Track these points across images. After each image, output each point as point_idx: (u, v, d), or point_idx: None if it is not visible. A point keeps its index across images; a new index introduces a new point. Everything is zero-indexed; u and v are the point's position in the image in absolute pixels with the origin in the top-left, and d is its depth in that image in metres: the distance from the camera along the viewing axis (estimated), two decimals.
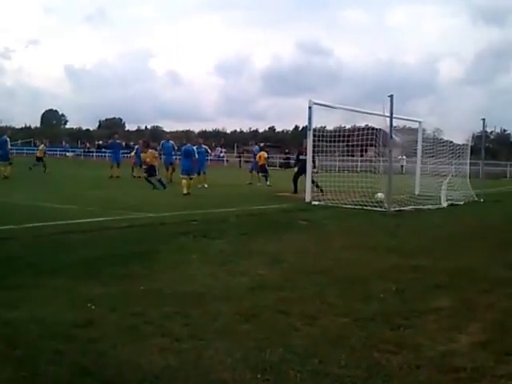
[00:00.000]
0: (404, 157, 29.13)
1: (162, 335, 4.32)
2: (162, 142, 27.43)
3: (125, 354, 3.90)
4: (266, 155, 26.99)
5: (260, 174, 26.08)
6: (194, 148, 19.87)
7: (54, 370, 3.56)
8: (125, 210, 12.54)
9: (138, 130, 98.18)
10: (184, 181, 18.46)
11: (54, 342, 4.03)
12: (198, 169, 21.24)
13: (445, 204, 16.98)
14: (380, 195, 16.29)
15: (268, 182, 24.93)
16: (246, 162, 48.71)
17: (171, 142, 27.35)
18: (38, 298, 5.16)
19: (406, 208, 15.44)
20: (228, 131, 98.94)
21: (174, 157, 26.09)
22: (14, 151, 43.82)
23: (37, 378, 3.46)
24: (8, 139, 24.52)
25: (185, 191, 17.99)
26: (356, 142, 18.55)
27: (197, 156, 19.36)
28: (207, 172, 23.41)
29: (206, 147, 26.57)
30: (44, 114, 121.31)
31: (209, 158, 33.09)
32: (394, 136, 15.51)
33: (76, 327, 4.39)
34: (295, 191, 19.29)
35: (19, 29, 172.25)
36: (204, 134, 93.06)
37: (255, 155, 27.73)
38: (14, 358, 3.74)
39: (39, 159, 31.35)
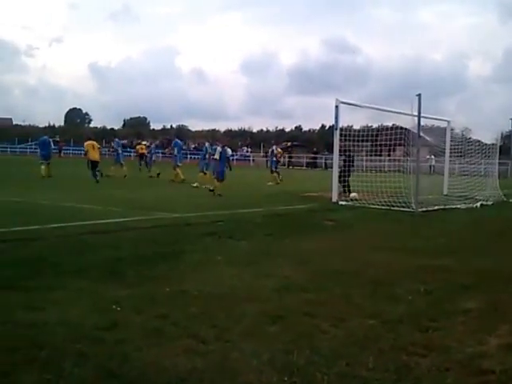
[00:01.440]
0: (432, 156, 28.78)
1: (188, 337, 4.29)
2: (174, 141, 27.46)
3: (150, 356, 3.88)
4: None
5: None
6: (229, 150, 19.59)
7: (79, 373, 3.56)
8: (150, 211, 12.58)
9: (164, 129, 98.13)
10: (217, 183, 18.34)
11: (79, 345, 4.02)
12: (202, 167, 22.12)
13: (477, 204, 16.74)
14: (353, 195, 16.76)
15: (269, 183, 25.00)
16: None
17: (179, 141, 27.43)
18: (63, 300, 5.17)
19: (433, 208, 15.25)
20: (254, 130, 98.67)
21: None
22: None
23: (62, 380, 3.45)
24: (51, 140, 24.97)
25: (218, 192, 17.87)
26: (383, 141, 18.37)
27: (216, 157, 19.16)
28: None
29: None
30: (68, 112, 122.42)
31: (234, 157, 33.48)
32: (422, 135, 15.31)
33: (101, 329, 4.39)
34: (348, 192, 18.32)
35: (43, 26, 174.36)
36: (230, 133, 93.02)
37: (274, 155, 27.86)
38: (40, 360, 3.74)
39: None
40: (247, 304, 5.23)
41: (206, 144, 23.39)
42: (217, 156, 18.59)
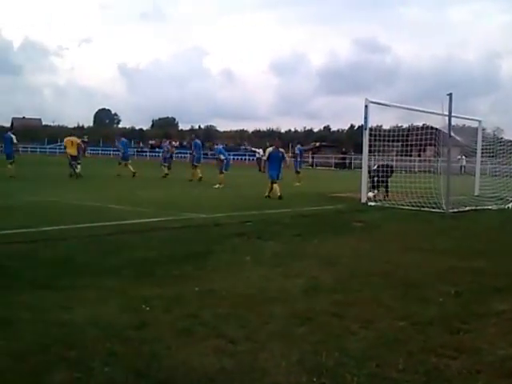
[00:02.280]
0: (463, 157, 28.40)
1: (217, 337, 4.30)
2: (194, 141, 27.57)
3: (179, 355, 3.90)
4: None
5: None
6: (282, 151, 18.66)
7: (109, 372, 3.58)
8: (178, 211, 12.64)
9: (192, 130, 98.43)
10: (276, 185, 17.49)
11: (109, 344, 4.05)
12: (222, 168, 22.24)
13: (509, 205, 16.46)
14: (370, 194, 16.54)
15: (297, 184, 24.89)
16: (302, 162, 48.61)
17: (198, 141, 27.51)
18: (93, 299, 5.22)
19: (464, 209, 15.04)
20: (282, 130, 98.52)
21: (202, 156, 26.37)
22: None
23: (92, 379, 3.48)
24: (13, 136, 25.28)
25: (278, 194, 17.08)
26: (414, 141, 18.17)
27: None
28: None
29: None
30: (97, 113, 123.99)
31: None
32: (452, 135, 15.11)
33: (130, 329, 4.42)
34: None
35: (72, 26, 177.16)
36: (258, 134, 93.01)
37: (298, 155, 27.86)
38: (69, 359, 3.78)
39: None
40: (276, 305, 5.22)
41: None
42: (266, 156, 18.26)
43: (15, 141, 24.57)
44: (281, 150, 18.59)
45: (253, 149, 22.20)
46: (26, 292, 5.33)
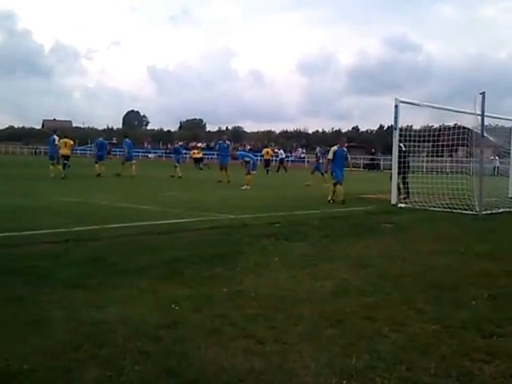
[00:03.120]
0: (496, 157, 27.94)
1: (246, 337, 4.30)
2: (219, 142, 27.68)
3: (209, 355, 3.91)
4: (271, 152, 27.25)
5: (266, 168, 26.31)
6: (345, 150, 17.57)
7: (139, 370, 3.61)
8: (206, 212, 12.71)
9: (219, 131, 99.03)
10: (340, 187, 16.85)
11: (139, 343, 4.09)
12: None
13: None
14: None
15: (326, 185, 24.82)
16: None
17: (227, 142, 27.64)
18: (124, 299, 5.27)
19: (498, 211, 14.80)
20: (310, 131, 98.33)
21: (229, 157, 26.27)
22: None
23: (122, 377, 3.51)
24: (56, 138, 26.09)
25: (341, 197, 16.52)
26: (445, 141, 17.93)
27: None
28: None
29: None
30: (126, 115, 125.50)
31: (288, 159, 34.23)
32: (485, 135, 14.86)
33: (160, 328, 4.45)
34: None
35: (102, 29, 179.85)
36: (285, 135, 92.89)
37: (319, 157, 27.71)
38: (101, 357, 3.81)
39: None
40: (305, 306, 5.20)
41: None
42: (330, 156, 17.25)
43: (57, 142, 25.42)
44: (345, 148, 17.66)
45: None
46: (58, 291, 5.40)
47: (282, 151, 47.75)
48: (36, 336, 4.18)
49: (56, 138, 25.34)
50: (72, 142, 28.15)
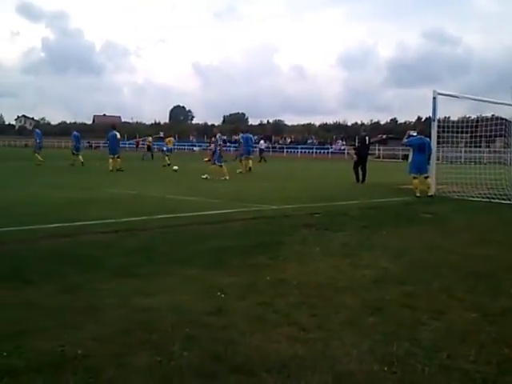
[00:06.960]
0: None
1: (289, 325, 4.42)
2: (242, 134, 28.03)
3: (253, 341, 4.03)
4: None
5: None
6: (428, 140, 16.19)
7: (187, 356, 3.73)
8: (248, 203, 12.90)
9: (261, 125, 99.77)
10: (416, 181, 16.19)
11: (187, 329, 4.23)
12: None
13: None
14: None
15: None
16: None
17: (250, 134, 28.36)
18: (172, 286, 5.46)
19: None
20: (349, 123, 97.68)
21: (252, 149, 27.17)
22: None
23: (171, 362, 3.64)
24: (117, 133, 26.91)
25: (417, 194, 15.78)
26: (483, 132, 17.74)
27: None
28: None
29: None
30: (172, 110, 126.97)
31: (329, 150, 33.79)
32: None
33: (207, 315, 4.60)
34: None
35: (149, 27, 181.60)
36: (325, 127, 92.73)
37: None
38: (151, 342, 3.97)
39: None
40: (346, 294, 5.31)
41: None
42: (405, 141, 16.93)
43: (119, 137, 26.58)
44: (426, 138, 16.42)
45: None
46: (109, 280, 5.63)
47: (262, 141, 48.22)
48: (89, 323, 4.36)
49: (117, 133, 26.26)
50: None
